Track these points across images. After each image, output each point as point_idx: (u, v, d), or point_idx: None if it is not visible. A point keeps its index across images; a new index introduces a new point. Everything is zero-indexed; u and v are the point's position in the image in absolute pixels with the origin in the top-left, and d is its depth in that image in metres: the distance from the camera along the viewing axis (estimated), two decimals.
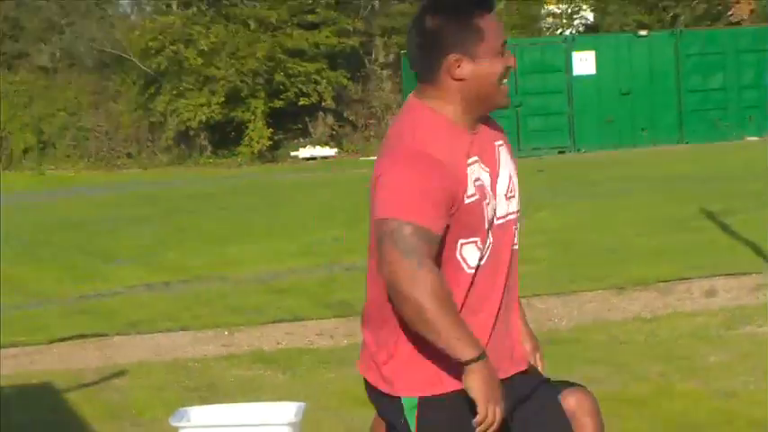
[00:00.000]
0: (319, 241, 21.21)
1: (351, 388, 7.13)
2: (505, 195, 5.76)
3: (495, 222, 5.66)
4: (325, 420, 9.00)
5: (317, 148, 53.67)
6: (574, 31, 60.70)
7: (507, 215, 5.74)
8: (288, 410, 6.90)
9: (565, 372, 7.22)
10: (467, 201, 5.44)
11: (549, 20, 63.54)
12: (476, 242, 5.52)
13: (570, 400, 6.66)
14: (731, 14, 62.35)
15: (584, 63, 46.63)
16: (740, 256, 16.13)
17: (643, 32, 51.07)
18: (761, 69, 44.62)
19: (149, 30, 55.49)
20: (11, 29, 61.51)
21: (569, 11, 64.29)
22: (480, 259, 5.55)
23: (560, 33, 59.57)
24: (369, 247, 5.71)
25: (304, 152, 53.12)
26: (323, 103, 55.12)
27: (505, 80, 5.68)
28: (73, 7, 60.55)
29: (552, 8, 64.20)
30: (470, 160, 5.54)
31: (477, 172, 5.54)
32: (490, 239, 5.61)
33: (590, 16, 64.13)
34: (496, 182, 5.71)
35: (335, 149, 53.76)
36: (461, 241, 5.53)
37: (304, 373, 11.92)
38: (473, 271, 5.53)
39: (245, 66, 53.01)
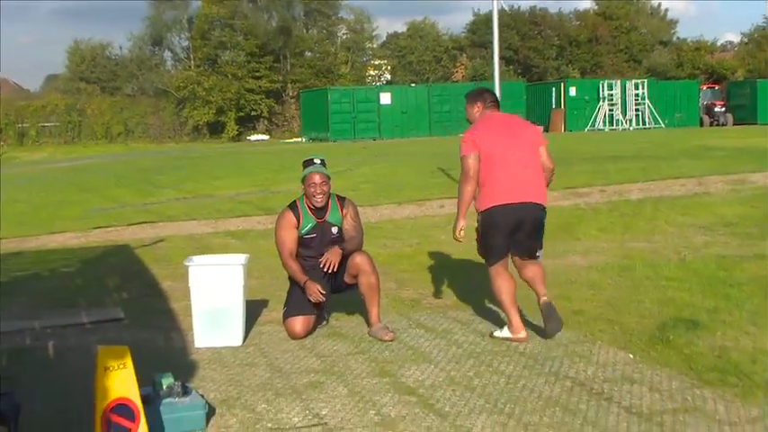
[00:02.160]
0: (260, 178, 20.95)
1: (272, 247, 7.00)
2: None
3: None
4: (258, 262, 8.88)
5: (260, 135, 53.41)
6: (380, 83, 60.88)
7: None
8: (241, 258, 6.77)
9: (368, 242, 7.13)
10: None
11: (369, 77, 63.66)
12: None
13: (356, 257, 6.67)
14: (453, 76, 62.69)
15: (385, 97, 46.53)
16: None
17: (413, 84, 51.19)
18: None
19: (179, 77, 55.63)
20: (111, 75, 60.44)
21: (378, 74, 64.63)
22: None
23: (374, 84, 59.53)
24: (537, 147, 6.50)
25: (253, 137, 52.83)
26: (262, 114, 55.06)
27: None
28: (143, 65, 59.75)
29: (370, 72, 64.49)
30: None
31: None
32: None
33: (389, 77, 64.26)
34: None
35: (268, 136, 53.53)
36: None
37: (250, 241, 11.75)
38: None
39: (226, 96, 52.98)
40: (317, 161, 6.84)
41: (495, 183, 6.28)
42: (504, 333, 6.39)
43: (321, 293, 6.54)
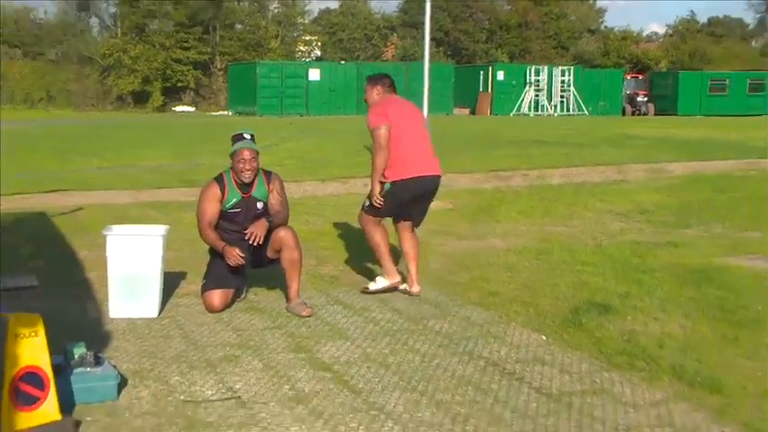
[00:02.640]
0: (184, 150, 20.73)
1: (193, 219, 6.93)
2: None
3: None
4: (178, 234, 8.79)
5: (185, 107, 52.82)
6: (311, 59, 60.67)
7: None
8: (161, 229, 6.70)
9: (291, 218, 7.10)
10: None
11: (299, 53, 63.35)
12: None
13: (280, 231, 6.65)
14: (384, 55, 62.68)
15: (314, 74, 46.33)
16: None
17: (343, 62, 51.06)
18: (397, 80, 45.08)
19: (106, 45, 55.03)
20: (35, 40, 58.97)
21: (309, 50, 64.33)
22: None
23: (303, 60, 59.28)
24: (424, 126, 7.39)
25: (179, 108, 52.26)
26: (189, 86, 54.48)
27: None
28: (68, 30, 58.51)
29: (300, 47, 64.19)
30: None
31: None
32: None
33: (318, 53, 64.01)
34: None
35: (194, 108, 52.96)
36: None
37: (170, 213, 11.58)
38: None
39: (152, 66, 52.32)
40: (247, 136, 6.74)
41: (404, 156, 6.92)
42: (380, 284, 7.16)
43: (240, 256, 6.49)
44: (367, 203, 7.15)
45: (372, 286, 7.20)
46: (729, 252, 9.02)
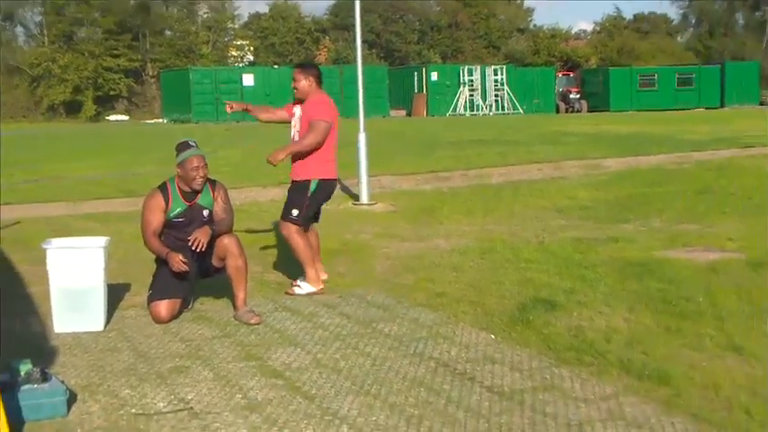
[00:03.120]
0: (120, 160, 20.45)
1: (134, 230, 6.86)
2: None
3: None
4: (120, 245, 8.68)
5: (119, 115, 52.27)
6: (244, 64, 60.41)
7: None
8: (102, 241, 6.61)
9: (235, 224, 7.06)
10: None
11: (231, 58, 63.11)
12: None
13: (224, 239, 6.60)
14: (317, 59, 62.63)
15: (248, 79, 46.12)
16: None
17: (276, 66, 50.84)
18: (331, 83, 44.95)
19: (33, 54, 54.21)
20: None
21: (241, 54, 64.09)
22: None
23: (237, 65, 59.04)
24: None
25: (112, 117, 51.68)
26: (122, 94, 53.99)
27: None
28: None
29: (233, 53, 63.93)
30: None
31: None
32: None
33: (251, 58, 63.78)
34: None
35: (128, 117, 52.41)
36: None
37: (110, 224, 11.45)
38: None
39: (82, 74, 51.70)
40: (193, 144, 6.71)
41: (332, 157, 7.43)
42: (305, 289, 7.35)
43: (183, 262, 6.42)
44: (295, 213, 7.37)
45: (297, 291, 7.38)
46: (668, 245, 9.17)
